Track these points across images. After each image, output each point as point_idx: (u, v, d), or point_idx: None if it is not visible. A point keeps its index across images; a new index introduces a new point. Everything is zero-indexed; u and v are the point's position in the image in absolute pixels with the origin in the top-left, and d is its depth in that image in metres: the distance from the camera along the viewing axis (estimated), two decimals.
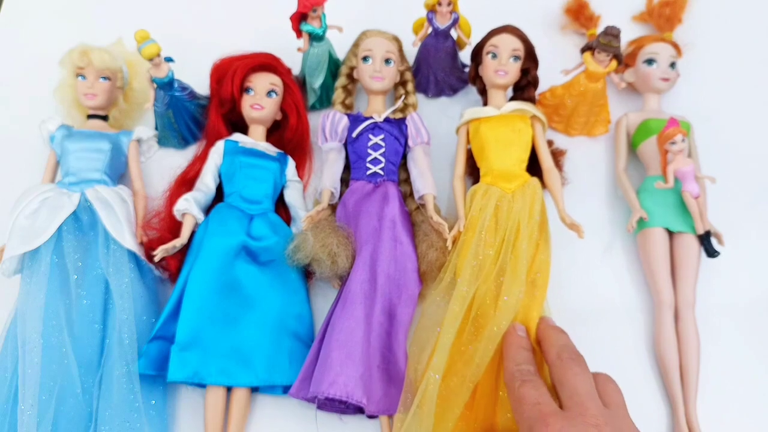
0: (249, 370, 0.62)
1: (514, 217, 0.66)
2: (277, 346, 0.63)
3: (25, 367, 0.60)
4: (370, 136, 0.72)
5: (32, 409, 0.58)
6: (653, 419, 0.66)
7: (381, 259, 0.65)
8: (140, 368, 0.61)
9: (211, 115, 0.74)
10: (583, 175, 0.78)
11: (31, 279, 0.64)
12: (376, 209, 0.68)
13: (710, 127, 0.80)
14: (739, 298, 0.73)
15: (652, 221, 0.71)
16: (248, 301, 0.65)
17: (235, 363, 0.62)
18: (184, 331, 0.61)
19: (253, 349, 0.63)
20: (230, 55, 0.74)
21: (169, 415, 0.64)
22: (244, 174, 0.70)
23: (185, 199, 0.68)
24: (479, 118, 0.72)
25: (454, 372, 0.61)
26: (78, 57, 0.72)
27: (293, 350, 0.64)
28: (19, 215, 0.66)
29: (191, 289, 0.63)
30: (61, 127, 0.73)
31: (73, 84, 0.74)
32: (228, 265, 0.65)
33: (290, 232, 0.70)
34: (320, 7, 0.71)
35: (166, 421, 0.63)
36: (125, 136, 0.75)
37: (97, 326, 0.63)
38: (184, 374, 0.60)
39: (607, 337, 0.70)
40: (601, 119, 0.80)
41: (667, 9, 0.87)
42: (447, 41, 0.77)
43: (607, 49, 0.71)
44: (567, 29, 0.89)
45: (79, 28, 0.89)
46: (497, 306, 0.62)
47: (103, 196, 0.68)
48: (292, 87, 0.76)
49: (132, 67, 0.77)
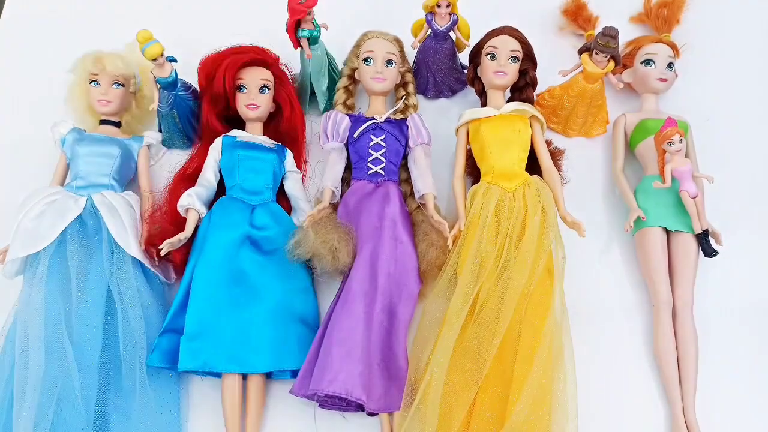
0: (258, 356, 0.63)
1: (515, 215, 0.67)
2: (285, 332, 0.65)
3: (26, 369, 0.60)
4: (372, 137, 0.73)
5: (30, 410, 0.58)
6: (652, 418, 0.67)
7: (381, 258, 0.65)
8: (152, 361, 0.62)
9: (204, 113, 0.75)
10: (580, 175, 0.78)
11: (32, 281, 0.65)
12: (376, 208, 0.68)
13: (708, 127, 0.81)
14: (737, 297, 0.73)
15: (650, 221, 0.71)
16: (254, 290, 0.66)
17: (245, 350, 0.63)
18: (193, 322, 0.63)
19: (261, 336, 0.64)
20: (217, 51, 0.74)
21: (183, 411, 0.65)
22: (243, 166, 0.71)
23: (188, 195, 0.68)
24: (479, 118, 0.73)
25: (458, 368, 0.61)
26: (91, 63, 0.73)
27: (300, 335, 0.66)
28: (24, 217, 0.67)
29: (198, 281, 0.64)
30: (73, 131, 0.73)
31: (85, 90, 0.75)
32: (233, 255, 0.66)
33: (291, 221, 0.72)
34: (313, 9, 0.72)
35: (179, 417, 0.64)
36: (136, 141, 0.75)
37: (97, 330, 0.63)
38: (194, 363, 0.61)
39: (605, 336, 0.70)
40: (599, 119, 0.81)
41: (664, 10, 0.87)
42: (446, 43, 0.78)
43: (605, 50, 0.72)
44: (565, 30, 0.90)
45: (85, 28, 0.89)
46: (503, 302, 0.62)
47: (109, 202, 0.69)
48: (283, 78, 0.76)
49: (144, 72, 0.77)
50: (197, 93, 0.77)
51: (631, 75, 0.81)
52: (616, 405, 0.67)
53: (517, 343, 0.62)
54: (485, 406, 0.61)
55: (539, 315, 0.62)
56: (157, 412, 0.62)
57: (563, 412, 0.60)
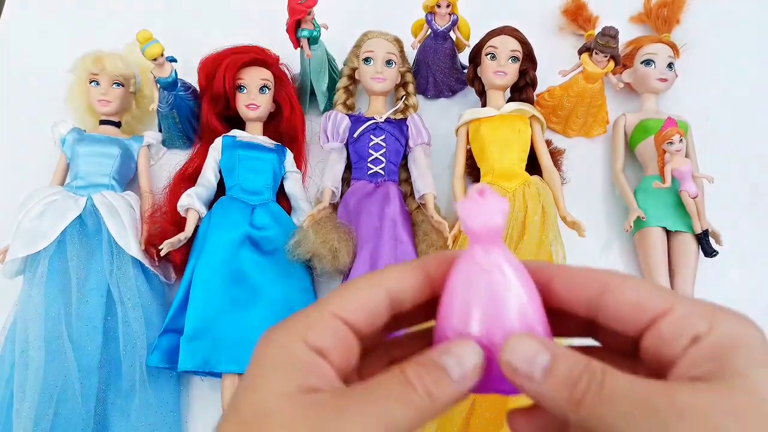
0: None
1: (515, 215, 0.67)
2: None
3: (26, 369, 0.60)
4: (372, 137, 0.73)
5: (30, 410, 0.58)
6: None
7: (381, 258, 0.65)
8: (152, 361, 0.62)
9: (204, 113, 0.75)
10: (580, 175, 0.78)
11: (32, 281, 0.64)
12: (376, 209, 0.68)
13: (708, 127, 0.81)
14: (737, 297, 0.73)
15: (650, 221, 0.71)
16: (254, 290, 0.66)
17: (245, 350, 0.63)
18: (193, 322, 0.62)
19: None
20: (216, 51, 0.74)
21: (183, 411, 0.65)
22: (243, 166, 0.71)
23: (188, 195, 0.69)
24: (479, 118, 0.73)
25: None
26: (91, 63, 0.73)
27: None
28: (23, 217, 0.67)
29: (198, 280, 0.64)
30: (73, 131, 0.73)
31: (85, 90, 0.75)
32: (233, 255, 0.66)
33: (291, 221, 0.72)
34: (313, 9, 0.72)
35: (179, 417, 0.64)
36: (136, 141, 0.75)
37: (97, 330, 0.63)
38: (194, 363, 0.61)
39: None
40: (599, 120, 0.81)
41: (664, 10, 0.88)
42: (446, 43, 0.78)
43: (605, 50, 0.72)
44: (565, 30, 0.90)
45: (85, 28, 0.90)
46: None
47: (109, 202, 0.69)
48: (283, 78, 0.77)
49: (144, 72, 0.77)
50: (197, 93, 0.77)
51: (631, 75, 0.81)
52: None
53: None
54: (485, 406, 0.61)
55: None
56: (157, 412, 0.62)
57: None
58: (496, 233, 0.24)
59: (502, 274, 0.24)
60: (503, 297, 0.24)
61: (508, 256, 0.25)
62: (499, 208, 0.24)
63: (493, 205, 0.24)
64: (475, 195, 0.24)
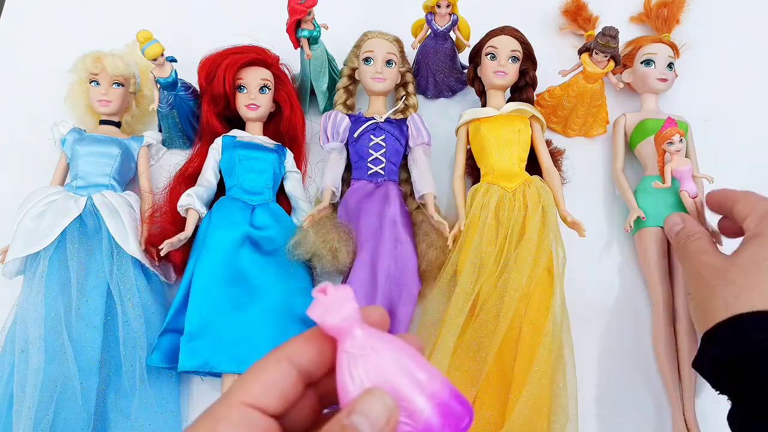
0: (258, 356, 0.62)
1: (515, 215, 0.67)
2: (285, 332, 0.64)
3: (26, 369, 0.60)
4: (372, 137, 0.73)
5: (30, 411, 0.58)
6: (652, 418, 0.67)
7: (381, 258, 0.66)
8: (152, 361, 0.62)
9: (204, 113, 0.75)
10: (580, 175, 0.78)
11: (33, 281, 0.65)
12: (376, 209, 0.68)
13: (708, 127, 0.81)
14: None
15: (650, 221, 0.71)
16: (254, 290, 0.66)
17: (245, 350, 0.63)
18: (193, 322, 0.62)
19: (262, 336, 0.64)
20: (216, 51, 0.74)
21: (183, 411, 0.65)
22: (243, 166, 0.71)
23: (188, 195, 0.69)
24: (479, 118, 0.73)
25: (458, 368, 0.61)
26: (91, 63, 0.73)
27: None
28: (24, 217, 0.67)
29: (198, 280, 0.64)
30: (73, 131, 0.73)
31: (85, 90, 0.75)
32: (233, 255, 0.66)
33: (291, 221, 0.72)
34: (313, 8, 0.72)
35: (179, 417, 0.64)
36: (135, 141, 0.75)
37: (97, 330, 0.63)
38: (194, 363, 0.61)
39: (605, 336, 0.70)
40: (599, 120, 0.81)
41: (664, 10, 0.87)
42: (446, 43, 0.78)
43: (605, 50, 0.72)
44: (565, 30, 0.90)
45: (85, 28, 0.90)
46: (503, 302, 0.62)
47: (109, 202, 0.69)
48: (283, 78, 0.77)
49: (144, 72, 0.77)
50: (197, 93, 0.77)
51: (631, 75, 0.81)
52: (616, 405, 0.67)
53: (517, 343, 0.62)
54: (485, 406, 0.61)
55: (539, 315, 0.62)
56: (157, 412, 0.62)
57: (563, 412, 0.60)
58: (353, 319, 0.26)
59: (376, 351, 0.26)
60: (387, 368, 0.26)
61: (371, 333, 0.26)
62: (344, 297, 0.26)
63: (338, 298, 0.26)
64: (318, 295, 0.26)
